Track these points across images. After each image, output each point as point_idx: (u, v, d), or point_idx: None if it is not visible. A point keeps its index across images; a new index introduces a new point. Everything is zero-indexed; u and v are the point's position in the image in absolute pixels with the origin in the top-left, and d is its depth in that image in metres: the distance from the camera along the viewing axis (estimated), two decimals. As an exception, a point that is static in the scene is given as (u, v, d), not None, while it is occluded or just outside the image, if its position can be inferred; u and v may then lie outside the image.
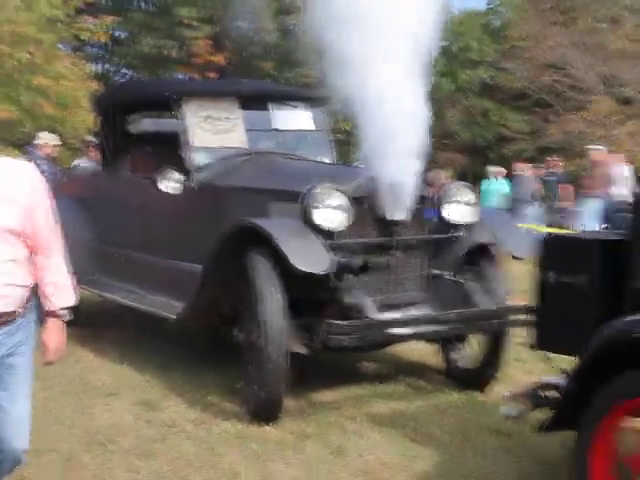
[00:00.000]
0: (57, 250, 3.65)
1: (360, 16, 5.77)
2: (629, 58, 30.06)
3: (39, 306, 3.69)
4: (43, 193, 3.57)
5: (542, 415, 4.36)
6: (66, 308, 3.64)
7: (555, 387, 4.42)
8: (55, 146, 13.41)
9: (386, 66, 5.77)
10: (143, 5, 38.55)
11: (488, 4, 44.06)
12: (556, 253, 4.67)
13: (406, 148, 5.92)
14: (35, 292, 3.59)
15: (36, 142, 13.39)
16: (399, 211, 6.05)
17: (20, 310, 3.46)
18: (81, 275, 8.06)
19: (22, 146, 21.08)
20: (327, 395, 6.28)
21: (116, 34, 34.36)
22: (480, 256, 6.48)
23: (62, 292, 3.63)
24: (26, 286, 3.49)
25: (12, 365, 3.50)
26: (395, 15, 5.77)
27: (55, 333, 3.62)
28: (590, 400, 3.91)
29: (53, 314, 3.62)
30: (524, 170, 19.27)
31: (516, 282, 6.69)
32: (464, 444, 5.26)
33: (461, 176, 32.77)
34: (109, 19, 27.39)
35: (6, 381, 3.49)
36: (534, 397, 4.54)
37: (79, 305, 8.20)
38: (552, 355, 4.76)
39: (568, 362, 4.37)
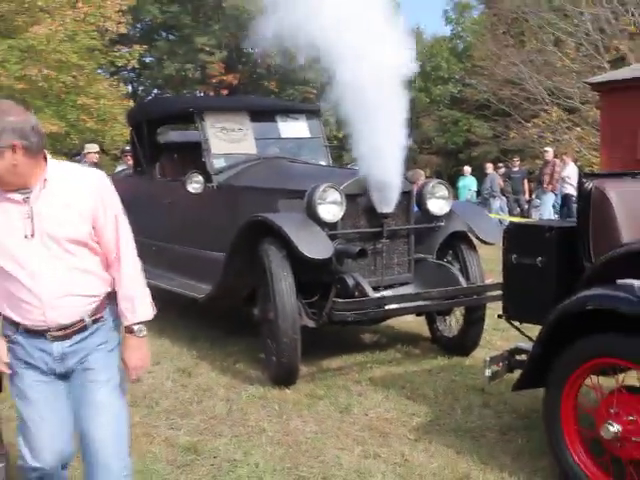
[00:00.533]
0: (130, 260, 3.09)
1: (349, 46, 5.76)
2: (571, 73, 30.33)
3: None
4: (111, 200, 3.04)
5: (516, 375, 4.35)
6: (143, 322, 3.08)
7: (526, 352, 4.41)
8: (92, 152, 13.49)
9: (372, 86, 5.75)
10: (167, 35, 38.44)
11: (452, 30, 44.37)
12: (518, 239, 4.69)
13: (391, 152, 5.93)
14: (114, 298, 3.08)
15: (85, 153, 13.53)
16: (387, 205, 6.04)
17: (88, 320, 2.97)
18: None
19: (70, 155, 21.22)
20: (334, 362, 6.30)
21: (145, 60, 34.19)
22: (457, 242, 6.48)
23: (137, 307, 3.05)
24: (95, 295, 2.98)
25: (89, 366, 3.01)
26: (378, 44, 5.75)
27: (134, 351, 3.08)
28: (553, 362, 3.94)
29: (130, 330, 3.07)
30: (491, 169, 19.40)
31: (488, 263, 6.65)
32: (453, 402, 5.27)
33: (437, 174, 33.29)
34: (139, 47, 27.38)
35: (88, 392, 3.01)
36: (509, 360, 4.54)
37: None
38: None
39: (535, 331, 4.33)
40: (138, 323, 3.05)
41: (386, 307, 5.78)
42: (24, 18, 22.76)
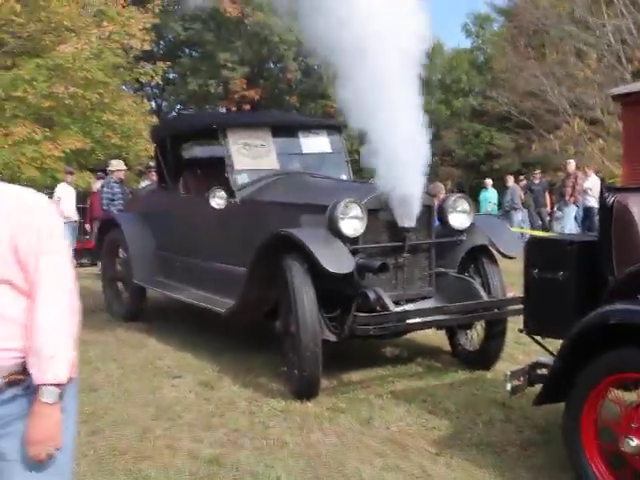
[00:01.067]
0: (51, 305, 2.32)
1: (371, 67, 5.79)
2: (594, 84, 30.19)
3: None
4: (36, 226, 2.35)
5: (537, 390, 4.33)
6: (55, 385, 2.28)
7: (547, 366, 4.39)
8: (121, 170, 13.54)
9: (393, 102, 5.81)
10: (190, 52, 38.71)
11: (472, 43, 44.31)
12: (540, 253, 4.67)
13: (412, 165, 5.94)
14: None
15: (109, 169, 13.59)
16: (409, 219, 6.03)
17: (3, 381, 2.31)
18: (146, 277, 8.25)
19: (95, 171, 21.40)
20: (356, 375, 6.28)
21: (169, 76, 34.43)
22: (479, 255, 6.46)
23: (47, 364, 2.28)
24: (12, 349, 2.31)
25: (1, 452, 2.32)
26: (399, 64, 5.79)
27: (37, 420, 2.30)
28: (575, 376, 3.91)
29: (38, 392, 2.29)
30: (512, 181, 19.35)
31: (510, 277, 6.62)
32: (474, 416, 5.24)
33: (458, 187, 33.22)
34: (162, 64, 27.56)
35: None
36: (530, 375, 4.52)
37: (146, 300, 8.42)
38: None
39: (556, 345, 4.33)
40: (47, 384, 2.28)
41: (407, 321, 5.79)
42: (51, 37, 23.03)
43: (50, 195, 14.71)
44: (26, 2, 21.88)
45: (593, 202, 17.24)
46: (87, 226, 17.70)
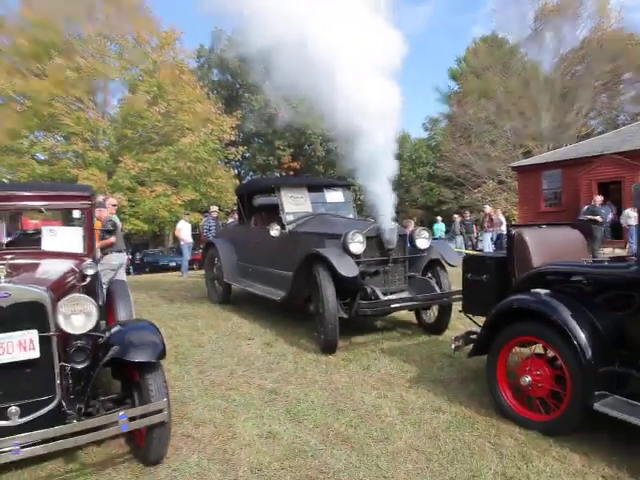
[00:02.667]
0: None
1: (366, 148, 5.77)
2: (500, 160, 30.31)
3: None
4: None
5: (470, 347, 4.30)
6: None
7: (476, 333, 4.33)
8: (215, 211, 13.65)
9: (380, 169, 5.80)
10: (258, 139, 39.03)
11: (428, 134, 44.64)
12: (472, 264, 4.65)
13: (391, 210, 5.98)
14: None
15: (209, 211, 13.69)
16: (391, 243, 6.01)
17: None
18: (231, 277, 8.24)
19: (201, 212, 21.60)
20: (359, 339, 6.18)
21: (245, 155, 34.67)
22: (434, 265, 6.38)
23: None
24: None
25: None
26: (384, 146, 5.77)
27: None
28: (493, 339, 3.91)
29: None
30: (455, 217, 19.24)
31: (453, 277, 6.56)
32: (432, 363, 5.18)
33: (421, 222, 33.30)
34: (242, 148, 27.94)
35: None
36: (466, 338, 4.48)
37: (232, 291, 8.48)
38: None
39: (482, 320, 4.27)
40: None
41: (391, 306, 5.69)
42: (177, 134, 23.47)
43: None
44: (164, 114, 22.30)
45: (501, 230, 17.10)
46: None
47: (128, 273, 14.74)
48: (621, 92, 32.52)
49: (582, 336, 3.36)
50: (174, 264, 20.99)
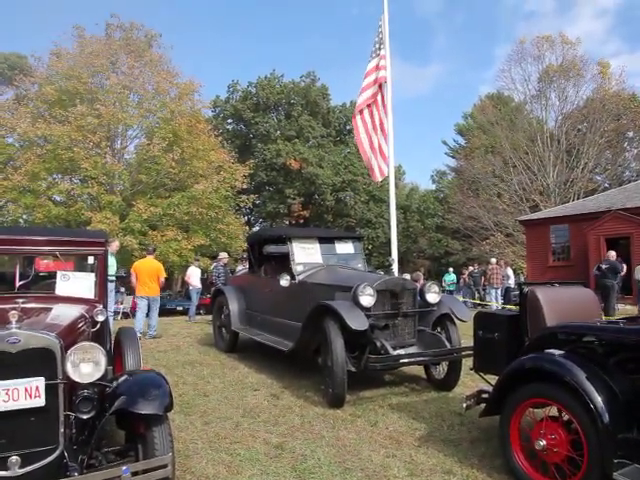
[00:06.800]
0: None
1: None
2: (508, 213, 30.43)
3: None
4: None
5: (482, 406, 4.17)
6: None
7: (488, 392, 4.21)
8: (225, 258, 13.60)
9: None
10: (268, 188, 39.55)
11: (436, 186, 45.13)
12: (484, 321, 4.57)
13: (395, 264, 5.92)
14: None
15: (219, 257, 13.63)
16: (401, 297, 5.94)
17: None
18: (239, 326, 8.14)
19: (211, 257, 21.68)
20: (367, 393, 6.04)
21: (256, 202, 35.05)
22: (444, 319, 6.27)
23: None
24: None
25: None
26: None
27: None
28: (506, 400, 3.79)
29: None
30: (464, 270, 19.22)
31: (463, 332, 6.44)
32: (442, 422, 5.01)
33: (429, 272, 33.25)
34: (253, 196, 28.23)
35: None
36: (478, 397, 4.37)
37: (239, 340, 8.37)
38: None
39: (493, 378, 4.15)
40: None
41: (400, 361, 5.58)
42: (191, 180, 23.87)
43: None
44: (178, 161, 22.74)
45: (509, 283, 17.02)
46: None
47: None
48: (625, 149, 32.92)
49: (599, 399, 3.24)
50: (181, 308, 20.95)
